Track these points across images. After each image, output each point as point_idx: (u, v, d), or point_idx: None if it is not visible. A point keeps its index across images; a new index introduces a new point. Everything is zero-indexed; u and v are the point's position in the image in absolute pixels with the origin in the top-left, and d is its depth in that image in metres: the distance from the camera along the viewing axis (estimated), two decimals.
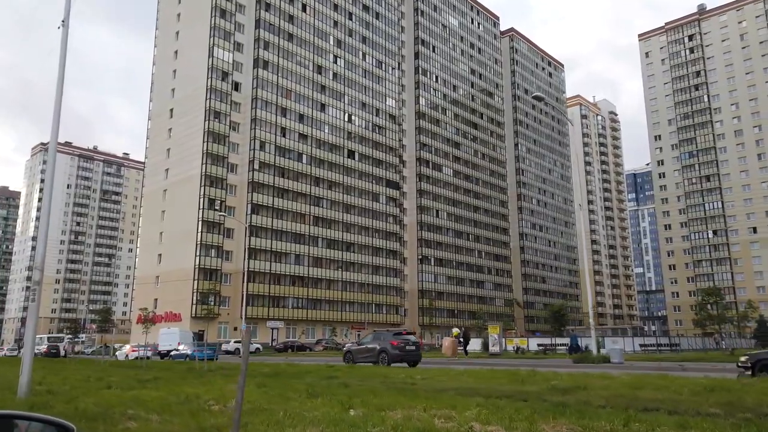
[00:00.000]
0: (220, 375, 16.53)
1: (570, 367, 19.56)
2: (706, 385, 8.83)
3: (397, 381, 12.34)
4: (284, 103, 73.18)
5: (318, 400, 8.85)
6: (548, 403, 7.34)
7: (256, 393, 10.00)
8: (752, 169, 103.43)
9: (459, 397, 8.62)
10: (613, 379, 10.27)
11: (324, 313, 72.48)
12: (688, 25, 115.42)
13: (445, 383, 11.56)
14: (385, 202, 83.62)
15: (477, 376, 13.32)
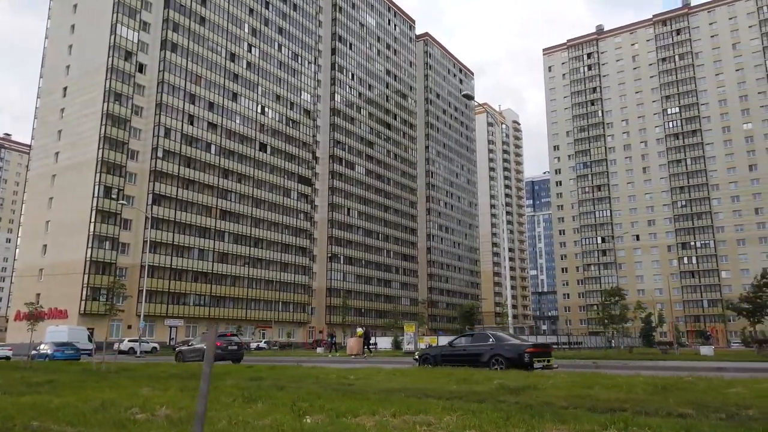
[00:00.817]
0: (125, 377, 14.93)
1: None
2: (656, 383, 8.96)
3: (332, 382, 11.62)
4: (193, 89, 69.46)
5: (258, 404, 7.98)
6: (515, 405, 6.98)
7: (183, 397, 8.91)
8: (637, 181, 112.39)
9: (413, 399, 8.08)
10: (556, 378, 10.24)
11: (228, 311, 69.59)
12: (587, 44, 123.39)
13: (384, 383, 11.01)
14: (296, 198, 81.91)
15: (412, 375, 12.90)
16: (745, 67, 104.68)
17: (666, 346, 37.87)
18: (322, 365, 18.78)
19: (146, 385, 11.39)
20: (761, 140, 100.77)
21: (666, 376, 10.12)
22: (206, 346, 4.28)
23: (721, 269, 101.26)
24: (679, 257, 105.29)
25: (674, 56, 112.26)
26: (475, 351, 16.97)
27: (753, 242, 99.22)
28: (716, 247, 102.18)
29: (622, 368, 16.96)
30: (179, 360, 26.76)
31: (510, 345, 16.54)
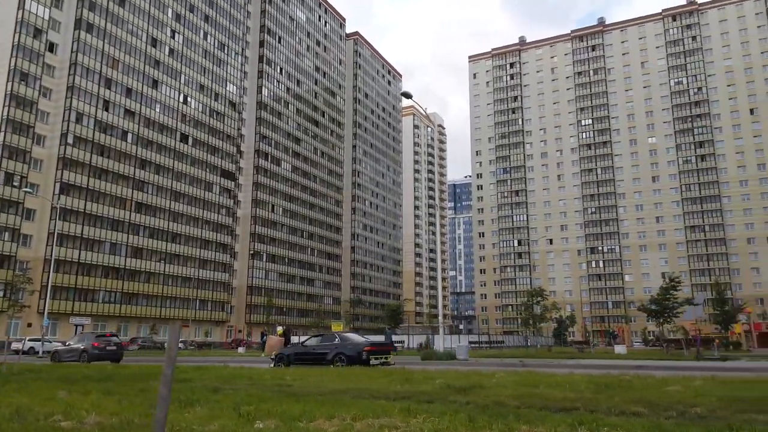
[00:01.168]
0: (33, 379, 13.60)
1: (423, 364, 19.82)
2: (597, 381, 9.21)
3: (268, 383, 11.11)
4: (110, 73, 65.41)
5: (197, 408, 7.43)
6: (468, 406, 6.90)
7: (109, 401, 8.15)
8: (552, 187, 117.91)
9: (365, 401, 7.82)
10: (498, 377, 10.32)
11: (141, 309, 66.08)
12: (510, 54, 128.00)
13: (325, 384, 10.65)
14: (218, 192, 79.21)
15: (350, 376, 12.61)
16: (651, 84, 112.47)
17: (582, 345, 39.87)
18: (250, 365, 18.07)
19: (61, 389, 10.40)
20: (664, 154, 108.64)
21: (600, 374, 10.49)
22: (168, 344, 3.82)
23: (624, 273, 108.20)
24: (587, 261, 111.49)
25: (589, 71, 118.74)
26: (323, 350, 18.27)
27: (653, 248, 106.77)
28: (621, 252, 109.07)
29: (550, 366, 17.51)
30: (55, 360, 25.83)
31: (351, 344, 18.04)
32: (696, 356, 26.16)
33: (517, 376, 10.61)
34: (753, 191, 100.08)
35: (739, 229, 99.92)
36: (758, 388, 8.53)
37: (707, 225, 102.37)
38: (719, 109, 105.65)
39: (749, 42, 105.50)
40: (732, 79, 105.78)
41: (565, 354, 27.93)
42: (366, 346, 17.67)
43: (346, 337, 19.13)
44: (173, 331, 3.86)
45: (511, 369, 13.94)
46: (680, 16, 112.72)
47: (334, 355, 17.72)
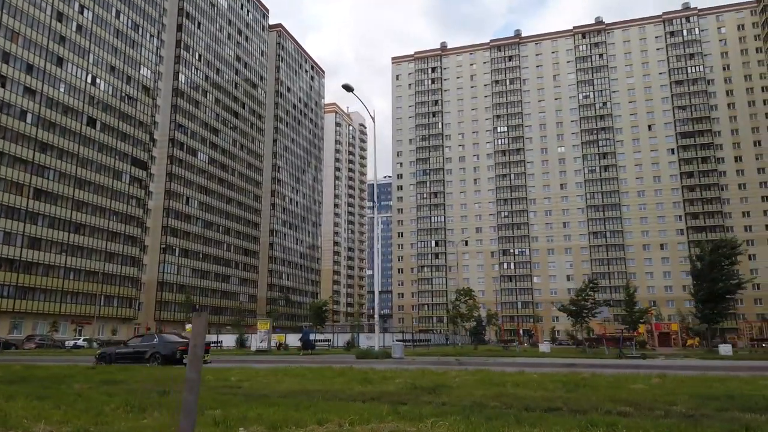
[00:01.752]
0: None
1: (360, 362, 19.46)
2: (560, 380, 9.27)
3: (218, 385, 10.35)
4: (8, 46, 59.65)
5: (155, 414, 6.69)
6: (445, 407, 6.66)
7: (45, 406, 7.17)
8: (469, 191, 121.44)
9: (337, 402, 7.39)
10: (459, 376, 10.18)
11: (39, 305, 60.82)
12: (432, 58, 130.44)
13: (277, 386, 10.05)
14: (128, 181, 74.57)
15: (296, 375, 12.04)
16: (562, 96, 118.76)
17: (507, 344, 41.20)
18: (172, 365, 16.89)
19: None
20: (572, 162, 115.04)
21: (552, 373, 10.65)
22: (193, 340, 3.26)
23: (533, 275, 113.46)
24: (500, 263, 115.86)
25: (505, 80, 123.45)
26: (142, 349, 19.32)
27: (560, 252, 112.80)
28: (531, 255, 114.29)
29: (489, 365, 17.70)
30: None
31: (167, 344, 19.15)
32: (618, 355, 27.60)
33: (474, 375, 10.53)
34: (648, 201, 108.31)
35: (636, 236, 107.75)
36: (716, 386, 8.97)
37: (608, 231, 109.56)
38: (621, 124, 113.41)
39: (649, 62, 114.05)
40: (633, 96, 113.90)
41: (493, 352, 28.55)
42: (180, 346, 18.52)
43: (164, 337, 20.33)
44: (199, 323, 3.30)
45: (460, 368, 13.93)
46: (589, 34, 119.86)
47: (150, 354, 18.65)
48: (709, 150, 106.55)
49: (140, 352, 19.18)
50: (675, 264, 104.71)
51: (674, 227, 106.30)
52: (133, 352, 19.52)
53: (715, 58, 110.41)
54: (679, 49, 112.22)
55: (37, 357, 28.14)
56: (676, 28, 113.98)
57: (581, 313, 40.07)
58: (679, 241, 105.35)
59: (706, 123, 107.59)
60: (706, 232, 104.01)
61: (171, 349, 18.55)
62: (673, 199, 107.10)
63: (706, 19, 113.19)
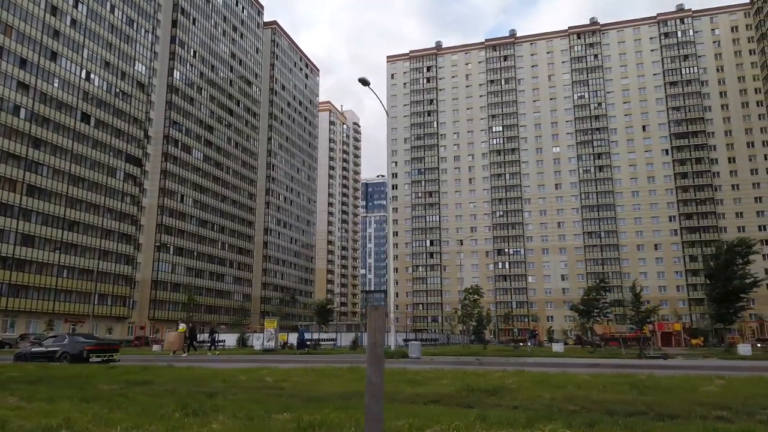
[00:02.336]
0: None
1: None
2: (619, 381, 8.83)
3: (258, 385, 9.84)
4: (1, 40, 58.51)
5: (219, 418, 6.23)
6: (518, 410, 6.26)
7: (104, 410, 6.69)
8: (464, 190, 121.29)
9: (403, 405, 6.96)
10: (515, 378, 9.71)
11: (32, 303, 59.78)
12: (427, 57, 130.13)
13: (322, 386, 9.58)
14: (122, 178, 73.56)
15: (337, 375, 11.60)
16: (557, 97, 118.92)
17: (518, 343, 40.91)
18: (200, 365, 16.36)
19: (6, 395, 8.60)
20: (566, 163, 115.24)
21: (600, 373, 10.29)
22: (370, 336, 2.81)
23: (528, 274, 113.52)
24: (495, 262, 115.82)
25: (501, 80, 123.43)
26: (54, 349, 20.30)
27: (555, 251, 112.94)
28: (525, 255, 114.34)
29: (517, 365, 17.31)
30: None
31: (75, 344, 20.26)
32: (639, 354, 27.24)
33: (521, 376, 10.10)
34: (643, 201, 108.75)
35: (630, 236, 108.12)
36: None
37: (603, 231, 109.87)
38: (616, 124, 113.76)
39: (644, 63, 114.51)
40: (627, 97, 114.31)
41: (506, 352, 28.12)
42: (87, 346, 19.90)
43: (73, 338, 21.44)
44: (377, 317, 2.86)
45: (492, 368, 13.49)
46: (584, 34, 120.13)
47: (60, 353, 19.70)
48: (702, 151, 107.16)
49: (52, 351, 20.19)
50: (669, 264, 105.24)
51: (668, 227, 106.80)
52: (47, 351, 20.47)
53: (709, 60, 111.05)
54: (674, 50, 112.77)
55: None
56: (671, 29, 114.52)
57: (591, 312, 39.86)
58: (672, 241, 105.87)
59: (700, 124, 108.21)
60: (700, 232, 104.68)
61: (78, 349, 19.73)
62: (667, 200, 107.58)
63: (700, 21, 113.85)
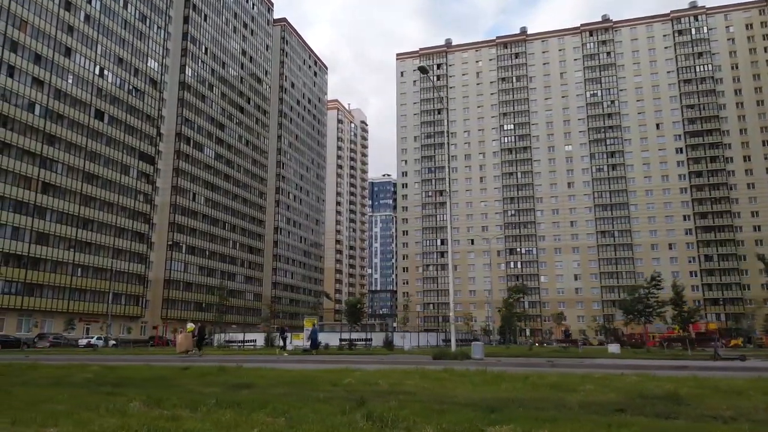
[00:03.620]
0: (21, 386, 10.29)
1: (441, 362, 18.06)
2: (744, 387, 7.89)
3: (387, 389, 8.82)
4: (16, 35, 57.63)
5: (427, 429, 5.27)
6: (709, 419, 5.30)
7: (265, 418, 5.72)
8: (474, 189, 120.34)
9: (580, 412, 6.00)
10: (630, 381, 8.75)
11: (46, 302, 58.86)
12: (437, 55, 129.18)
13: (450, 392, 8.62)
14: (136, 176, 72.69)
15: (436, 378, 10.63)
16: (569, 95, 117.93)
17: (568, 344, 39.95)
18: (272, 366, 15.31)
19: (104, 400, 7.63)
20: (579, 161, 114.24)
21: (740, 377, 9.33)
22: None
23: (540, 274, 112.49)
24: (506, 262, 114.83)
25: (512, 77, 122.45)
26: None
27: (567, 251, 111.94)
28: (537, 254, 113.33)
29: (588, 366, 16.36)
30: None
31: None
32: (714, 356, 26.17)
33: (666, 381, 9.10)
34: (657, 200, 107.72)
35: (643, 236, 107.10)
36: None
37: (616, 230, 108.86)
38: (629, 122, 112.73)
39: (657, 61, 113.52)
40: (641, 95, 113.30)
41: (560, 353, 26.88)
42: None
43: None
44: None
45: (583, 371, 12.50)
46: (596, 31, 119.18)
47: None
48: (717, 149, 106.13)
49: None
50: (683, 264, 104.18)
51: (682, 227, 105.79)
52: None
53: (723, 57, 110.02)
54: (687, 47, 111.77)
55: (76, 356, 26.36)
56: (684, 26, 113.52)
57: (644, 312, 38.82)
58: (687, 240, 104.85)
59: (714, 122, 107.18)
60: (715, 231, 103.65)
61: None
62: (682, 199, 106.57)
63: (714, 18, 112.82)
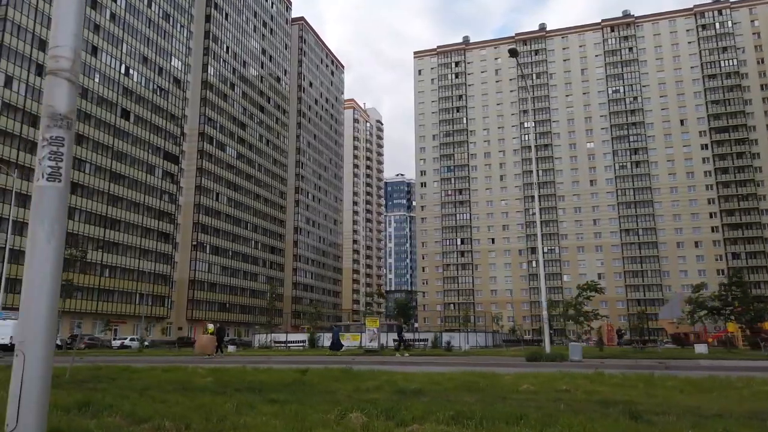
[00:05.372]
0: (139, 390, 9.27)
1: (539, 365, 17.02)
2: None
3: (577, 399, 7.83)
4: (43, 32, 57.12)
5: None
6: None
7: None
8: (495, 187, 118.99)
9: None
10: None
11: (74, 303, 58.23)
12: (455, 52, 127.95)
13: (675, 399, 7.57)
14: (161, 176, 72.10)
15: (595, 378, 9.62)
16: (590, 91, 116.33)
17: (642, 344, 38.77)
18: (397, 369, 14.27)
19: (283, 409, 6.66)
20: (601, 158, 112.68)
21: None
22: None
23: (563, 273, 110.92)
24: (528, 261, 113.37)
25: (532, 74, 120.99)
26: None
27: (590, 250, 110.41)
28: (560, 253, 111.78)
29: (705, 369, 15.25)
30: None
31: None
32: None
33: None
34: (682, 198, 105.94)
35: (669, 234, 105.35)
36: None
37: (640, 229, 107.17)
38: (652, 119, 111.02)
39: (680, 56, 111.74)
40: (664, 91, 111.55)
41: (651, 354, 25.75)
42: None
43: None
44: None
45: (737, 374, 11.38)
46: (618, 27, 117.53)
47: None
48: (743, 145, 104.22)
49: None
50: (710, 262, 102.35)
51: (709, 224, 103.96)
52: None
53: (748, 52, 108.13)
54: (712, 42, 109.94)
55: (134, 358, 25.44)
56: (708, 21, 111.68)
57: (721, 311, 37.46)
58: (714, 238, 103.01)
59: (740, 118, 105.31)
60: (742, 229, 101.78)
61: None
62: (708, 196, 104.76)
63: (739, 12, 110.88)
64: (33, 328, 2.66)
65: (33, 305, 2.70)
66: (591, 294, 29.40)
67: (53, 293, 2.80)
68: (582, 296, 29.27)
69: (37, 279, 2.72)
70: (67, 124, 2.86)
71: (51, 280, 2.76)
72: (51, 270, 2.76)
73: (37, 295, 2.72)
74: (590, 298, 29.64)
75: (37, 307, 2.70)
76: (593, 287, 29.35)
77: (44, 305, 2.73)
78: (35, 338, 2.63)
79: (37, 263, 2.73)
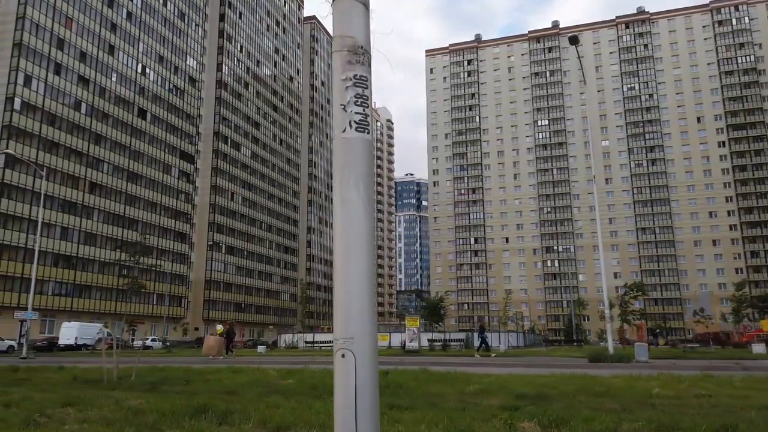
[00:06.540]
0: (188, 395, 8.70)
1: (605, 367, 16.32)
2: None
3: (682, 403, 7.18)
4: (62, 32, 56.87)
5: None
6: None
7: None
8: (508, 186, 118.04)
9: None
10: None
11: (94, 303, 58.01)
12: (468, 51, 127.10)
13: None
14: (177, 176, 71.73)
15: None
16: (605, 89, 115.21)
17: (688, 345, 38.08)
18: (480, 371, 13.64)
19: (413, 417, 6.05)
20: (616, 156, 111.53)
21: None
22: None
23: (578, 272, 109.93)
24: (543, 260, 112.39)
25: (546, 72, 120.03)
26: None
27: (606, 248, 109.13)
28: (575, 252, 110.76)
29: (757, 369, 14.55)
30: None
31: None
32: None
33: None
34: (699, 196, 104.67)
35: (686, 232, 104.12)
36: None
37: (657, 227, 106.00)
38: (669, 116, 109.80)
39: (696, 53, 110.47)
40: (680, 88, 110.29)
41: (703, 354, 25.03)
42: None
43: None
44: None
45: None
46: (633, 24, 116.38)
47: None
48: (762, 142, 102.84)
49: None
50: (728, 260, 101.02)
51: (727, 222, 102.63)
52: None
53: (766, 48, 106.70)
54: (728, 38, 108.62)
55: (170, 359, 24.97)
56: (725, 17, 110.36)
57: None
58: (732, 237, 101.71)
59: (758, 114, 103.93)
60: (761, 227, 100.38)
61: None
62: (725, 194, 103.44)
63: (756, 8, 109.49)
64: (359, 319, 2.03)
65: (352, 285, 2.07)
66: (638, 293, 28.71)
67: (370, 271, 2.15)
68: (628, 295, 28.56)
69: (353, 253, 2.10)
70: (368, 59, 2.25)
71: (366, 256, 2.12)
72: (366, 240, 2.13)
73: (355, 272, 2.10)
74: (637, 297, 28.95)
75: (358, 287, 2.08)
76: (639, 287, 28.66)
77: (365, 285, 2.10)
78: (363, 332, 2.01)
79: (354, 232, 2.10)
